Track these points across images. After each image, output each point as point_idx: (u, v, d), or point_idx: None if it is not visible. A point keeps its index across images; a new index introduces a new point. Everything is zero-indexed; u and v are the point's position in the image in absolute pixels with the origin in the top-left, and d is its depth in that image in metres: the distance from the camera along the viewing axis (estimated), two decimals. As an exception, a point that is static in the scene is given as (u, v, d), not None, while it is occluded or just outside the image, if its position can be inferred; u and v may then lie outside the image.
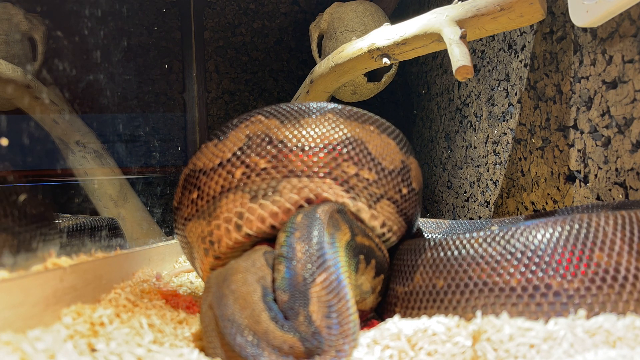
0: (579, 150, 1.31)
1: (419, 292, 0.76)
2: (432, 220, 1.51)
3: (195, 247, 0.86)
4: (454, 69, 1.29)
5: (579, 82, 1.30)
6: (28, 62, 2.23)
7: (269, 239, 0.81)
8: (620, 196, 1.15)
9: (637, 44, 1.10)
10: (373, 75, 2.36)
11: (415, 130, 2.82)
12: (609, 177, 1.20)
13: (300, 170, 0.78)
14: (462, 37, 1.34)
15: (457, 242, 0.74)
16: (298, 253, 0.67)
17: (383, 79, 2.39)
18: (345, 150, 0.80)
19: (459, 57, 1.29)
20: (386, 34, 1.65)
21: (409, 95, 2.96)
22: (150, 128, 2.73)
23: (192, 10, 2.79)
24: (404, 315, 0.78)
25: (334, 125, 0.82)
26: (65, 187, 2.50)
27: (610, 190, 1.19)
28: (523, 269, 0.66)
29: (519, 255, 0.67)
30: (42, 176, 2.48)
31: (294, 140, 0.80)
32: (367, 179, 0.81)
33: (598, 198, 1.24)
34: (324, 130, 0.81)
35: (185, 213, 0.86)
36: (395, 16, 2.33)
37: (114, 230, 1.43)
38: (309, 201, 0.78)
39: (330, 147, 0.80)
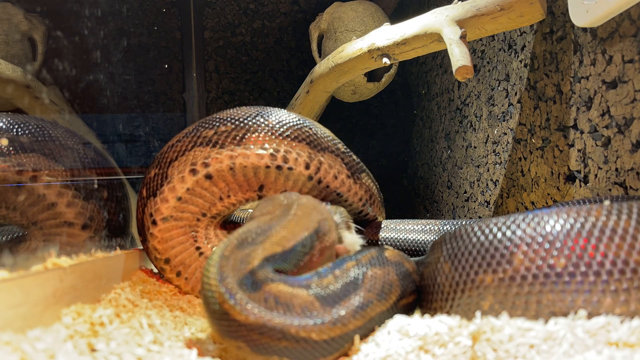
0: (579, 150, 1.31)
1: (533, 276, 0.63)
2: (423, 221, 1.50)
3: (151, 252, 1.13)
4: (454, 69, 1.29)
5: (579, 82, 1.30)
6: (28, 62, 2.23)
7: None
8: (620, 196, 1.15)
9: (637, 44, 1.10)
10: (373, 75, 2.36)
11: (415, 130, 2.82)
12: (609, 177, 1.19)
13: (174, 157, 1.07)
14: (462, 37, 1.34)
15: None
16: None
17: (383, 79, 2.39)
18: (199, 130, 1.09)
19: (459, 57, 1.29)
20: (386, 34, 1.65)
21: (409, 95, 2.96)
22: (150, 128, 2.73)
23: (192, 10, 2.78)
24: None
25: (184, 132, 1.15)
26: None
27: (610, 190, 1.19)
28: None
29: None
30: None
31: (165, 149, 1.12)
32: (226, 130, 1.06)
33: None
34: (177, 138, 1.13)
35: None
36: (395, 16, 2.33)
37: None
38: (194, 164, 1.03)
39: (185, 136, 1.10)
